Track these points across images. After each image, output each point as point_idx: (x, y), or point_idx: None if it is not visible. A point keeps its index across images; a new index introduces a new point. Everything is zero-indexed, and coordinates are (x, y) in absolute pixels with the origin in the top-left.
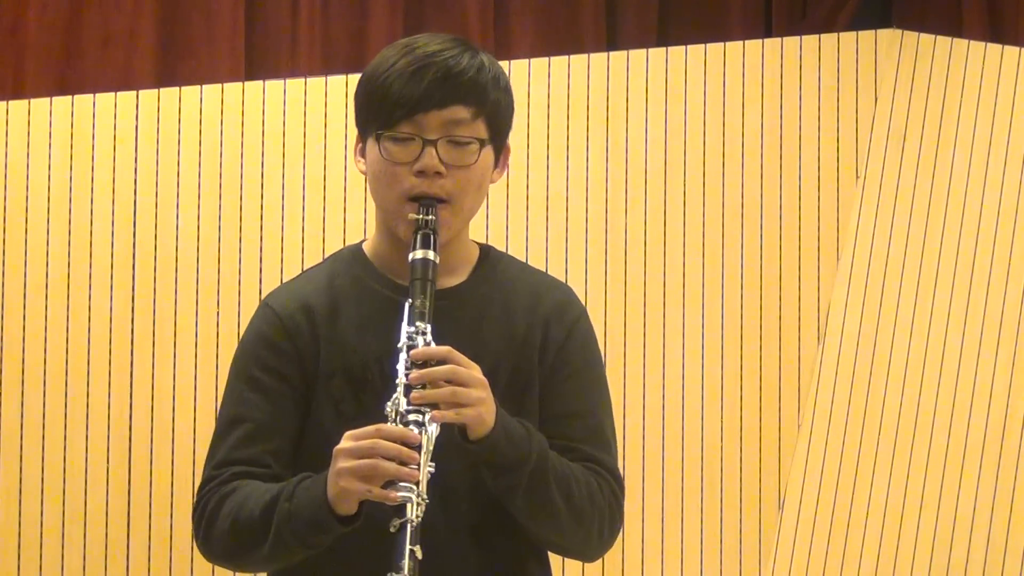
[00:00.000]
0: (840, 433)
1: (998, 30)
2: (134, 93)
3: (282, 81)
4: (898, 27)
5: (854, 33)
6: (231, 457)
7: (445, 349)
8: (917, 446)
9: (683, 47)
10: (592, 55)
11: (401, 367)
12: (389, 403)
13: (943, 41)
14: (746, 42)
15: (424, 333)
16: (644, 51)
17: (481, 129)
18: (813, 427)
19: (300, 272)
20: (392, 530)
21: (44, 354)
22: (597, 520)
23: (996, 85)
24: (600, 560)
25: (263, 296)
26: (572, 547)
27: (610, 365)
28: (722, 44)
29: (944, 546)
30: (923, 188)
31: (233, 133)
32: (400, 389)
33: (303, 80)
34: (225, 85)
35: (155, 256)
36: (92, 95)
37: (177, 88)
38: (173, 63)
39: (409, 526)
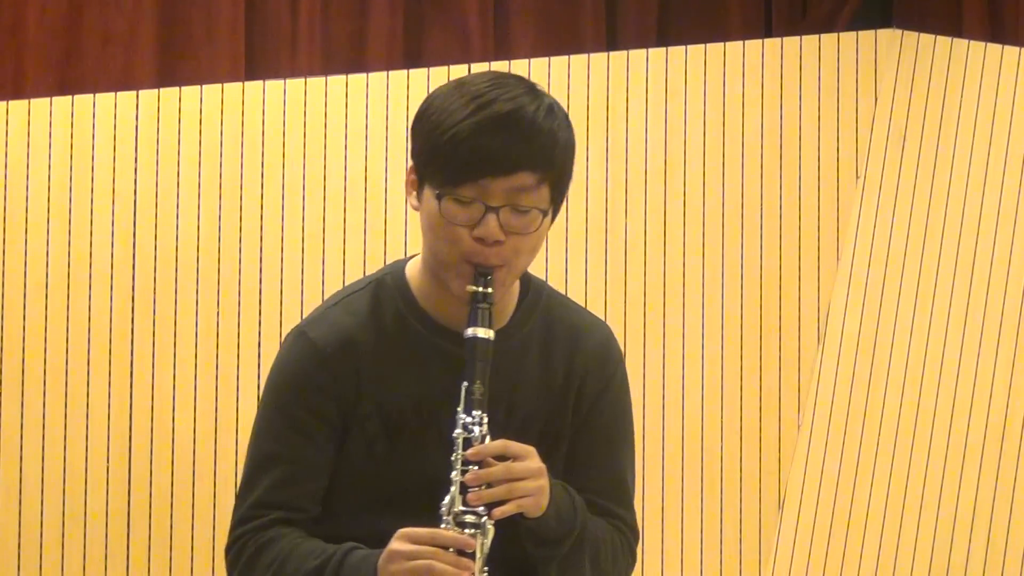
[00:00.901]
0: (840, 433)
1: (998, 30)
2: (134, 93)
3: (282, 81)
4: (898, 27)
5: (854, 33)
6: (268, 500)
7: (500, 444)
8: (917, 446)
9: (683, 47)
10: (592, 55)
11: (457, 461)
12: (444, 501)
13: (943, 41)
14: (746, 42)
15: (480, 423)
16: (644, 51)
17: (544, 196)
18: (813, 427)
19: (339, 297)
20: None
21: (44, 354)
22: None
23: (996, 85)
24: None
25: (263, 296)
26: None
27: None
28: (722, 44)
29: (944, 546)
30: (923, 188)
31: (233, 133)
32: (455, 487)
33: (303, 80)
34: (225, 85)
35: (155, 256)
36: (92, 95)
37: (177, 88)
38: (173, 63)
39: None
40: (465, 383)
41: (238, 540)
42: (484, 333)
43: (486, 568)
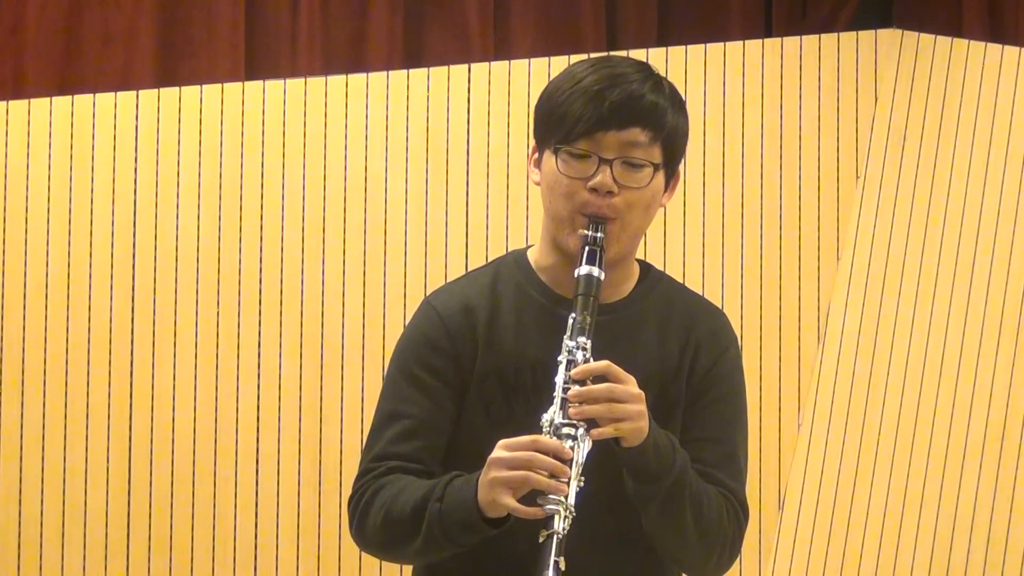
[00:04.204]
0: (840, 433)
1: (998, 30)
2: (134, 93)
3: (282, 81)
4: (898, 27)
5: (854, 33)
6: (388, 451)
7: (604, 364)
8: (917, 446)
9: (683, 47)
10: (592, 55)
11: (560, 380)
12: (545, 415)
13: (943, 41)
14: (746, 42)
15: (584, 348)
16: (644, 51)
17: (656, 153)
18: (813, 427)
19: (464, 274)
20: (540, 540)
21: (44, 354)
22: (719, 543)
23: (996, 85)
24: None
25: (263, 296)
26: (691, 564)
27: None
28: (722, 44)
29: (944, 546)
30: (923, 188)
31: (233, 133)
32: (557, 402)
33: (303, 80)
34: (225, 85)
35: (155, 256)
36: (92, 95)
37: (177, 88)
38: (173, 63)
39: (555, 538)
40: (572, 314)
41: (358, 490)
42: (591, 270)
43: (582, 477)
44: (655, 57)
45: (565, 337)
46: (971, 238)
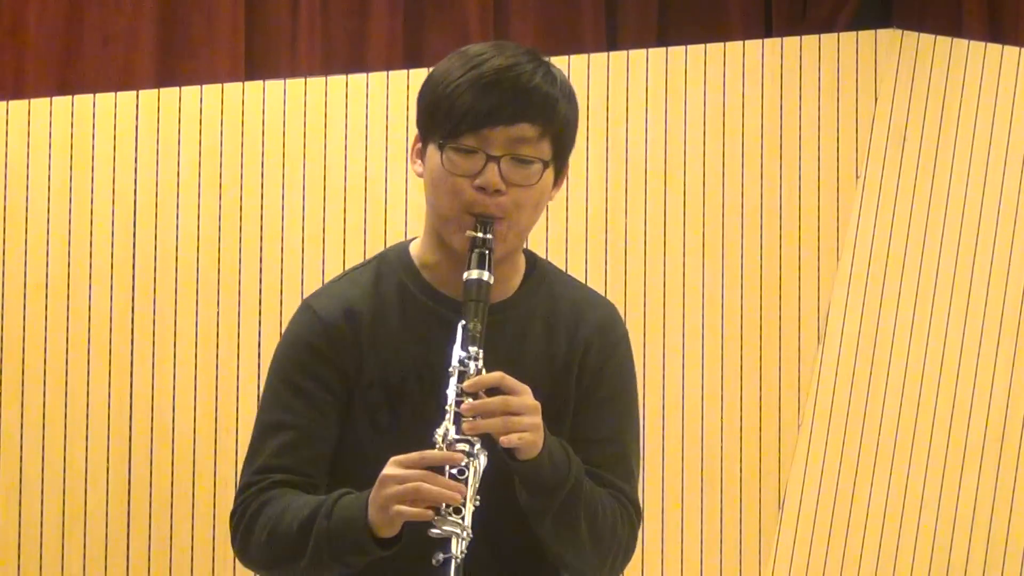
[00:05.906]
0: (840, 433)
1: (998, 30)
2: (134, 93)
3: (282, 81)
4: (898, 27)
5: (854, 33)
6: (271, 464)
7: (497, 376)
8: (917, 446)
9: (683, 47)
10: (592, 55)
11: (452, 393)
12: (439, 430)
13: (943, 41)
14: (746, 42)
15: (476, 359)
16: (644, 51)
17: (545, 149)
18: (813, 427)
19: (345, 272)
20: (435, 563)
21: (44, 354)
22: (613, 549)
23: (996, 85)
24: None
25: (263, 296)
26: (584, 570)
27: None
28: (722, 44)
29: (944, 546)
30: (923, 188)
31: (233, 133)
32: (449, 416)
33: (303, 80)
34: (225, 85)
35: (155, 256)
36: (92, 95)
37: (177, 88)
38: (173, 63)
39: (453, 562)
40: (462, 321)
41: (241, 505)
42: (480, 275)
43: (478, 497)
44: (655, 57)
45: (456, 346)
46: (971, 238)
